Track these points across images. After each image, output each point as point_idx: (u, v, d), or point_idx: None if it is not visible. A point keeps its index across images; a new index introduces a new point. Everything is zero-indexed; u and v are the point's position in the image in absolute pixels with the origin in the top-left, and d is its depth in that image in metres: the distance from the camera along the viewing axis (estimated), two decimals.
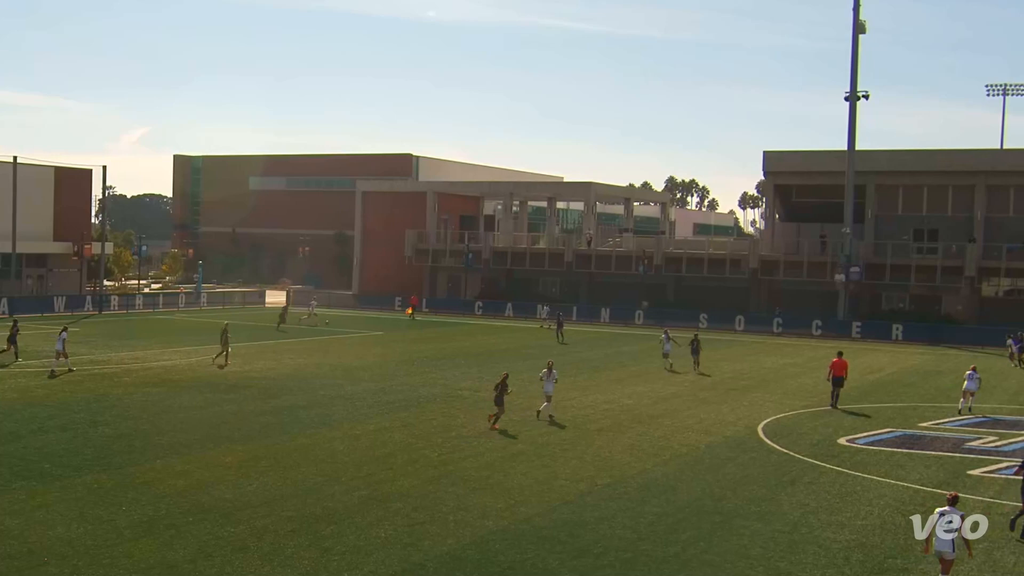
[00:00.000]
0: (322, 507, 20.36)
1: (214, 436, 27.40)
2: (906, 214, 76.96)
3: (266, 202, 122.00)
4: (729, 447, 28.18)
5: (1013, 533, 19.70)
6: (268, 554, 17.29)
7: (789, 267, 77.08)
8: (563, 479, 23.55)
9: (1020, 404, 38.71)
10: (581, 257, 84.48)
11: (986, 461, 27.28)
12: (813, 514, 21.08)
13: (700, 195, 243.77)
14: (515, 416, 32.00)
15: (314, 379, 39.49)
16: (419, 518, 19.76)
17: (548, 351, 53.70)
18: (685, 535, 19.23)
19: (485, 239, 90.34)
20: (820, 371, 47.59)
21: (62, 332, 40.51)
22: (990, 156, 78.11)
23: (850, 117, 72.59)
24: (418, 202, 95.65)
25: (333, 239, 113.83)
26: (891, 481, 24.45)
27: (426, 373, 42.48)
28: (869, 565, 17.76)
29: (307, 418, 30.77)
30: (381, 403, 34.04)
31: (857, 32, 71.79)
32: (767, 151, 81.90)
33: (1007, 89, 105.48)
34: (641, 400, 36.39)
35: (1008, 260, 71.28)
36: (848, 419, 33.63)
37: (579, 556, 17.73)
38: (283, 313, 65.22)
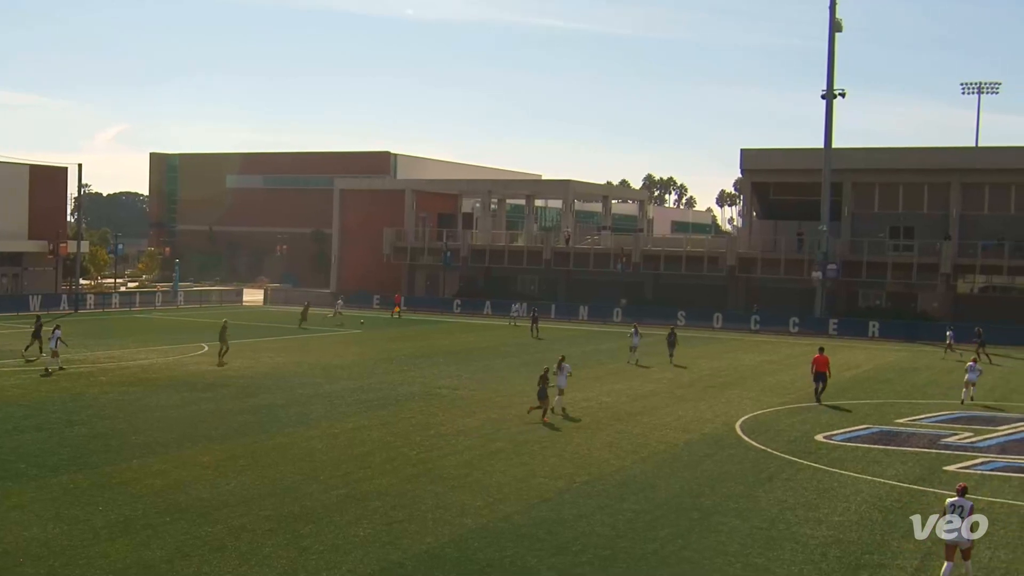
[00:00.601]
0: (300, 506, 20.30)
1: (191, 435, 27.28)
2: (882, 212, 77.40)
3: (243, 200, 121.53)
4: (707, 444, 28.27)
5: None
6: (246, 553, 17.22)
7: (766, 265, 77.40)
8: (542, 477, 23.56)
9: (995, 400, 38.99)
10: (559, 255, 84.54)
11: (962, 457, 27.47)
12: (791, 510, 21.17)
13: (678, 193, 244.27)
14: (493, 414, 32.03)
15: (292, 377, 39.38)
16: (397, 516, 19.73)
17: (526, 349, 53.78)
18: (663, 532, 19.27)
19: (463, 237, 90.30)
20: (797, 368, 47.90)
21: (55, 330, 40.47)
22: (965, 154, 78.66)
23: (827, 115, 72.93)
24: (396, 200, 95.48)
25: (311, 237, 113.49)
26: (868, 477, 24.58)
27: (405, 371, 42.43)
28: (846, 561, 17.85)
29: (285, 417, 30.68)
30: (359, 401, 33.97)
31: (834, 31, 72.12)
32: (744, 149, 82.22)
33: (982, 87, 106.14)
34: (619, 398, 36.46)
35: (983, 258, 71.78)
36: (825, 415, 33.79)
37: (558, 554, 17.74)
38: (304, 312, 65.55)
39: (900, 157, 77.96)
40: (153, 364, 42.53)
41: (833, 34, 72.16)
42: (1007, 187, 74.32)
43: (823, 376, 36.93)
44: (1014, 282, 73.61)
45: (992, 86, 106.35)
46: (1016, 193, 74.24)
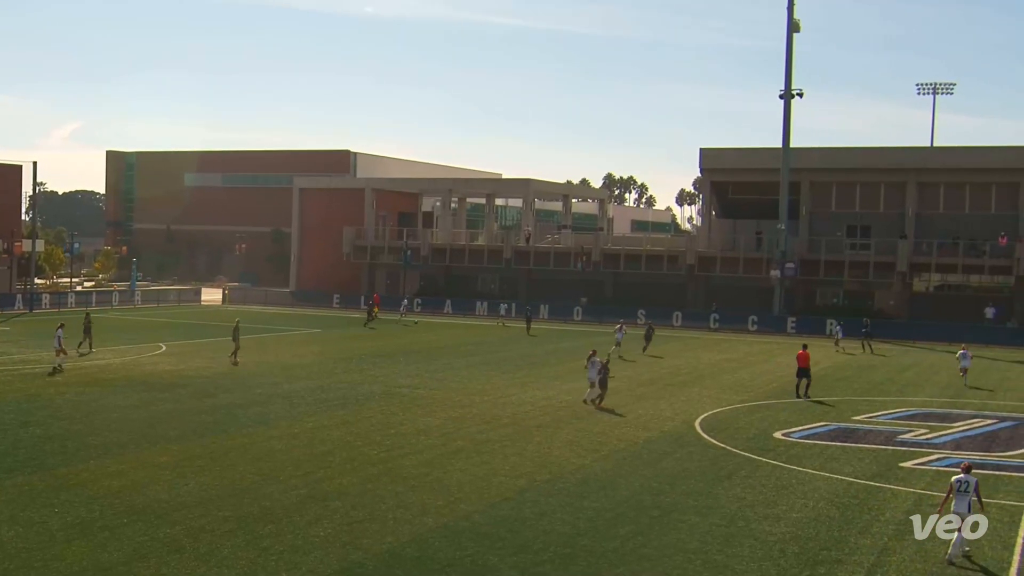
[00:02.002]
0: (259, 506, 20.18)
1: (149, 436, 27.04)
2: (839, 211, 78.12)
3: (202, 199, 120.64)
4: (667, 442, 28.41)
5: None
6: (204, 555, 17.10)
7: (725, 263, 77.90)
8: (502, 475, 23.58)
9: (950, 397, 39.47)
10: (520, 254, 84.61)
11: (918, 454, 27.79)
12: (749, 507, 21.32)
13: (638, 192, 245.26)
14: (453, 413, 32.02)
15: (251, 377, 39.14)
16: (358, 516, 19.68)
17: (488, 347, 53.80)
18: (624, 530, 19.35)
19: (423, 236, 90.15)
20: (756, 366, 48.34)
21: (58, 329, 40.57)
22: (920, 154, 79.61)
23: (785, 115, 73.48)
24: (356, 199, 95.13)
25: (270, 236, 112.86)
26: (825, 474, 24.80)
27: (365, 371, 42.31)
28: (804, 557, 18.00)
29: (244, 417, 30.49)
30: (319, 401, 33.83)
31: (791, 31, 72.67)
32: (704, 148, 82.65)
33: (937, 88, 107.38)
34: (579, 396, 36.50)
35: (938, 256, 72.65)
36: (784, 413, 34.07)
37: (518, 552, 17.76)
38: (370, 311, 66.54)
39: (857, 157, 78.75)
40: (110, 364, 42.11)
41: (791, 34, 72.71)
42: (961, 187, 75.29)
43: (806, 372, 37.86)
44: (968, 280, 74.55)
45: (947, 87, 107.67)
46: (970, 193, 75.21)
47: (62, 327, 41.08)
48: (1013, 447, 29.30)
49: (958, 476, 18.16)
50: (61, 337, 40.12)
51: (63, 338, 40.25)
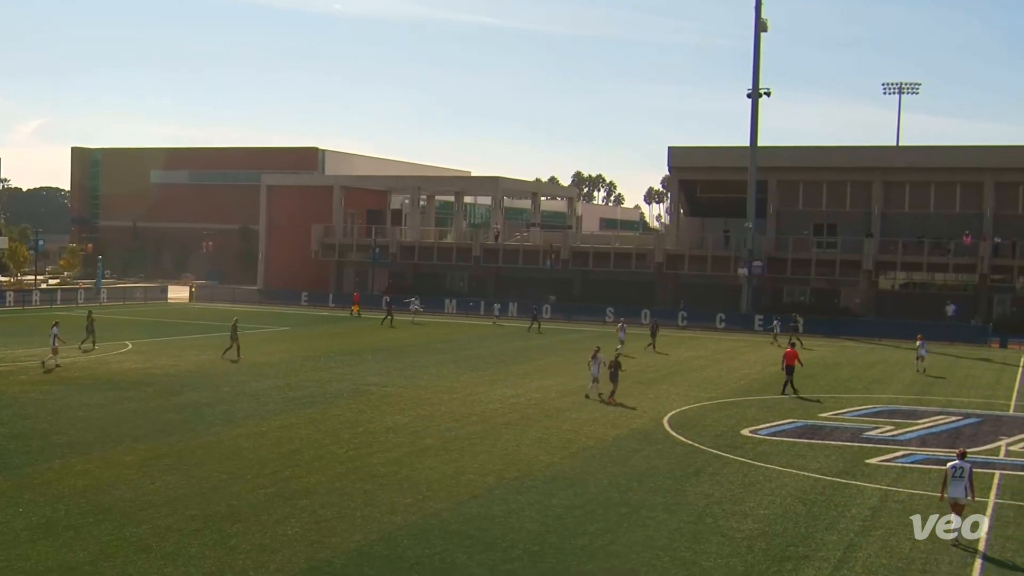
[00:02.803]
0: (227, 505, 20.08)
1: (115, 435, 26.83)
2: (806, 209, 78.63)
3: (168, 196, 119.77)
4: (635, 439, 28.49)
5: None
6: (171, 554, 16.99)
7: (694, 261, 78.22)
8: (471, 473, 23.57)
9: (915, 394, 39.81)
10: (488, 252, 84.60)
11: (883, 450, 28.01)
12: (717, 504, 21.42)
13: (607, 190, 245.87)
14: (422, 411, 31.97)
15: (218, 376, 38.91)
16: (326, 515, 19.61)
17: (457, 345, 53.74)
18: (592, 527, 19.39)
19: (392, 234, 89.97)
20: (724, 363, 48.60)
21: (53, 327, 40.33)
22: (886, 153, 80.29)
23: (752, 114, 73.83)
24: (324, 196, 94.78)
25: (237, 234, 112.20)
26: (792, 471, 24.96)
27: (333, 369, 42.15)
28: (771, 553, 18.11)
29: (211, 415, 30.30)
30: (287, 399, 33.68)
31: (759, 30, 73.04)
32: (672, 147, 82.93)
33: (903, 88, 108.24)
34: (548, 394, 36.59)
35: (903, 254, 73.28)
36: (751, 410, 34.24)
37: (487, 550, 17.76)
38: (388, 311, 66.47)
39: (824, 156, 79.27)
40: (75, 362, 41.73)
41: (759, 34, 73.08)
42: (927, 185, 75.97)
43: (791, 370, 38.32)
44: (933, 279, 75.26)
45: (912, 87, 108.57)
46: (935, 192, 75.90)
47: (57, 325, 40.80)
48: (977, 443, 29.58)
49: (953, 462, 19.28)
50: (57, 335, 39.89)
51: (59, 336, 40.03)
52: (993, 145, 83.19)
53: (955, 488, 19.05)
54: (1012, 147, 77.72)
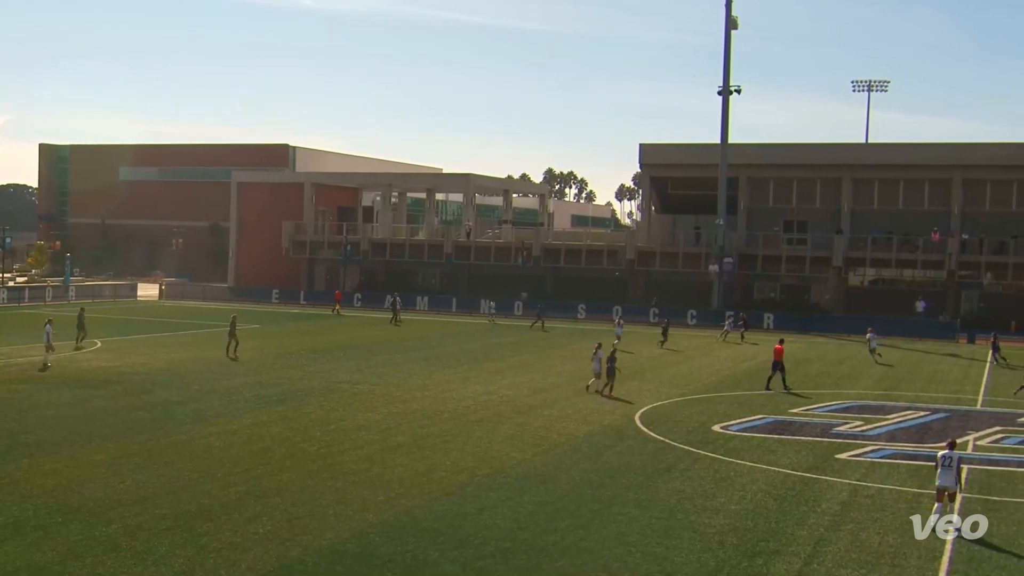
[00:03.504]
0: (198, 504, 19.97)
1: (84, 433, 26.62)
2: (777, 206, 79.07)
3: (138, 193, 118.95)
4: (607, 436, 28.55)
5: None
6: (141, 553, 16.89)
7: (665, 258, 78.50)
8: (443, 471, 23.55)
9: (884, 390, 40.10)
10: (460, 249, 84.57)
11: (853, 445, 28.21)
12: (689, 500, 21.51)
13: (578, 187, 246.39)
14: (394, 409, 31.92)
15: (189, 374, 38.69)
16: (297, 513, 19.54)
17: (428, 343, 53.64)
18: (564, 523, 19.42)
19: (363, 231, 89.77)
20: (695, 360, 48.76)
21: (46, 325, 40.15)
22: (855, 150, 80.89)
23: (723, 111, 74.16)
24: (295, 193, 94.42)
25: (207, 231, 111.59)
26: (763, 466, 25.09)
27: (304, 366, 42.01)
28: (742, 549, 18.20)
29: (181, 413, 30.13)
30: (258, 397, 33.53)
31: (729, 28, 73.33)
32: (643, 144, 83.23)
33: (871, 85, 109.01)
34: (520, 391, 36.61)
35: (872, 251, 73.82)
36: (722, 406, 34.39)
37: (459, 547, 17.76)
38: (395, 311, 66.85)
39: (794, 153, 79.70)
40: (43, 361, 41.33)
41: (729, 31, 73.39)
42: (895, 182, 76.58)
43: (778, 365, 38.62)
44: (902, 275, 75.87)
45: (881, 84, 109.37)
46: (904, 188, 76.52)
47: (50, 323, 40.55)
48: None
49: (943, 452, 19.95)
50: (50, 333, 39.64)
51: (52, 334, 39.76)
52: (961, 142, 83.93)
53: (944, 476, 19.67)
54: (980, 144, 78.50)
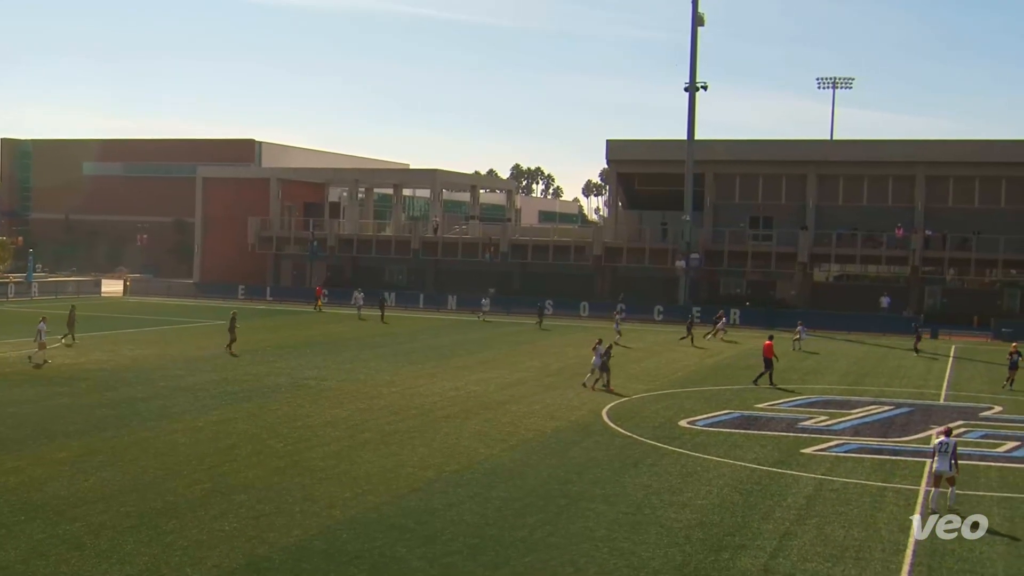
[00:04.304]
0: (163, 501, 19.83)
1: (47, 431, 26.36)
2: (743, 202, 79.52)
3: (102, 188, 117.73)
4: (575, 431, 28.60)
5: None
6: (106, 551, 16.75)
7: (632, 254, 78.74)
8: (410, 467, 23.52)
9: (849, 385, 40.42)
10: (427, 244, 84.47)
11: (818, 440, 28.41)
12: (656, 495, 21.59)
13: (545, 183, 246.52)
14: (361, 405, 31.84)
15: (154, 370, 38.41)
16: (264, 510, 19.45)
17: (396, 339, 53.55)
18: (532, 519, 19.44)
19: (330, 226, 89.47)
20: (662, 355, 48.97)
21: (40, 322, 39.68)
22: (820, 147, 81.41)
23: (689, 107, 74.39)
24: (261, 189, 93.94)
25: (173, 226, 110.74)
26: (729, 461, 25.23)
27: (271, 363, 41.81)
28: (709, 543, 18.29)
29: (146, 410, 29.90)
30: (224, 394, 33.34)
31: (696, 24, 73.58)
32: (610, 140, 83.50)
33: (836, 82, 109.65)
34: (488, 387, 36.62)
35: (837, 247, 74.37)
36: (689, 401, 34.55)
37: (427, 543, 17.74)
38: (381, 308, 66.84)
39: (760, 149, 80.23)
40: (6, 358, 40.95)
41: (696, 28, 73.64)
42: (860, 179, 77.20)
43: (768, 362, 39.07)
44: (866, 271, 76.53)
45: (846, 81, 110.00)
46: (868, 185, 77.15)
47: (44, 320, 40.09)
48: (909, 432, 30.16)
49: (940, 439, 20.87)
50: (43, 330, 39.22)
51: (46, 331, 39.38)
52: (925, 139, 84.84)
53: (940, 462, 20.51)
54: (943, 141, 79.38)
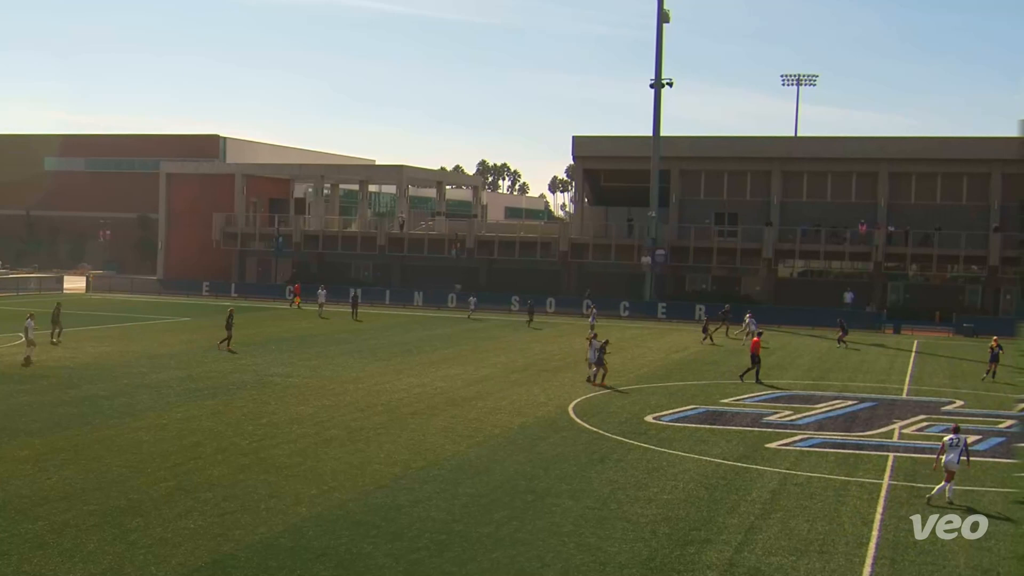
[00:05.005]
0: (127, 499, 19.68)
1: (9, 429, 26.08)
2: (708, 198, 79.79)
3: (64, 184, 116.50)
4: (541, 427, 28.64)
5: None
6: (69, 550, 16.60)
7: (598, 250, 78.83)
8: (377, 463, 23.47)
9: (813, 380, 40.71)
10: (393, 241, 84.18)
11: (782, 435, 28.61)
12: (622, 490, 21.66)
13: (512, 179, 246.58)
14: (327, 401, 31.73)
15: (117, 367, 38.09)
16: (229, 507, 19.35)
17: (362, 335, 53.38)
18: (499, 515, 19.46)
19: (295, 223, 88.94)
20: (628, 351, 49.04)
21: (28, 319, 39.22)
22: (785, 143, 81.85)
23: (655, 104, 74.61)
24: (226, 184, 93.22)
25: (136, 223, 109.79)
26: (695, 456, 25.35)
27: (236, 359, 41.58)
28: (675, 538, 18.38)
29: (109, 408, 29.66)
30: (189, 391, 33.12)
31: (661, 21, 73.73)
32: (576, 136, 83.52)
33: (800, 79, 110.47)
34: (454, 383, 36.59)
35: (801, 243, 74.83)
36: (655, 397, 34.68)
37: (394, 540, 17.71)
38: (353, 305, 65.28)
39: (725, 146, 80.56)
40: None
41: (661, 25, 73.79)
42: (824, 175, 77.68)
43: (755, 358, 39.16)
44: (830, 266, 77.05)
45: (810, 78, 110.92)
46: (832, 181, 77.64)
47: (32, 317, 39.57)
48: (872, 426, 30.43)
49: (950, 437, 21.69)
50: (31, 327, 38.72)
51: (33, 328, 38.91)
52: (887, 136, 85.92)
53: (951, 455, 21.34)
54: (905, 138, 80.00)
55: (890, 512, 20.43)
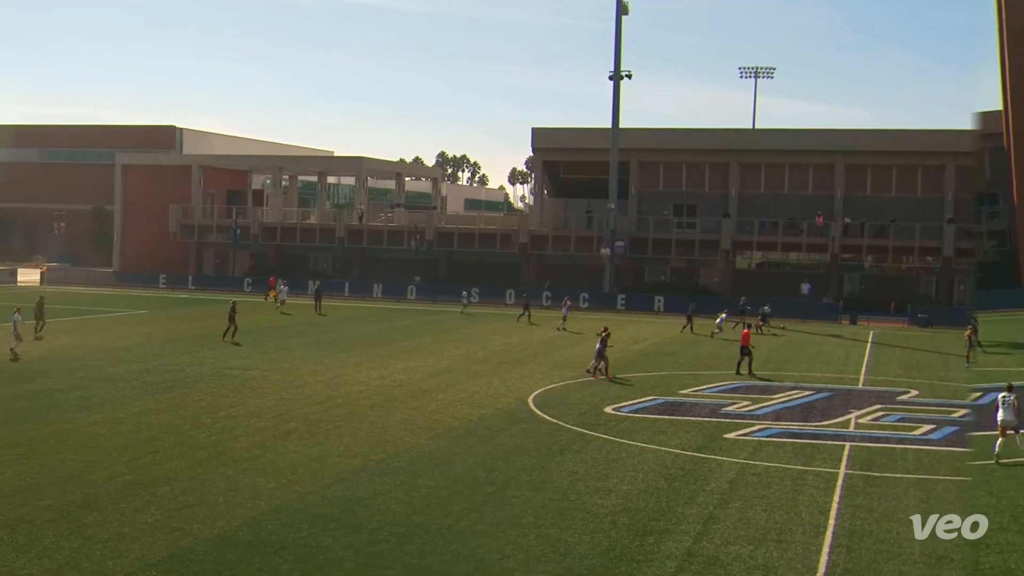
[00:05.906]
0: (83, 494, 19.49)
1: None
2: (667, 190, 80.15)
3: (16, 175, 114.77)
4: (501, 419, 28.68)
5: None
6: (23, 546, 16.42)
7: (557, 242, 79.00)
8: (336, 456, 23.40)
9: (770, 370, 41.03)
10: (352, 233, 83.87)
11: (740, 425, 28.82)
12: (581, 481, 21.74)
13: (471, 171, 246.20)
14: (286, 394, 31.58)
15: (72, 361, 37.69)
16: (188, 501, 19.22)
17: (321, 327, 53.15)
18: (459, 507, 19.47)
19: (253, 214, 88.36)
20: (588, 343, 49.06)
21: (15, 314, 38.60)
22: (743, 136, 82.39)
23: (614, 96, 74.77)
24: (182, 176, 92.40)
25: (91, 214, 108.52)
26: (654, 447, 25.49)
27: (194, 352, 41.26)
28: (634, 528, 18.48)
29: (65, 402, 29.34)
30: (146, 384, 32.84)
31: (620, 13, 73.90)
32: (535, 128, 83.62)
33: (758, 72, 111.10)
34: (414, 375, 36.54)
35: (759, 235, 75.39)
36: (614, 388, 34.82)
37: (353, 532, 17.68)
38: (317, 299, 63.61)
39: (683, 138, 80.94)
40: None
41: (620, 16, 73.95)
42: (781, 167, 78.28)
43: (745, 350, 39.43)
44: (787, 258, 77.70)
45: (768, 71, 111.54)
46: (789, 173, 78.27)
47: (19, 311, 38.92)
48: (829, 416, 30.72)
49: (1003, 394, 23.82)
50: (19, 321, 38.10)
51: (20, 322, 38.35)
52: (844, 128, 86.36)
53: (1006, 412, 23.45)
54: (862, 131, 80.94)
55: (846, 501, 20.65)
